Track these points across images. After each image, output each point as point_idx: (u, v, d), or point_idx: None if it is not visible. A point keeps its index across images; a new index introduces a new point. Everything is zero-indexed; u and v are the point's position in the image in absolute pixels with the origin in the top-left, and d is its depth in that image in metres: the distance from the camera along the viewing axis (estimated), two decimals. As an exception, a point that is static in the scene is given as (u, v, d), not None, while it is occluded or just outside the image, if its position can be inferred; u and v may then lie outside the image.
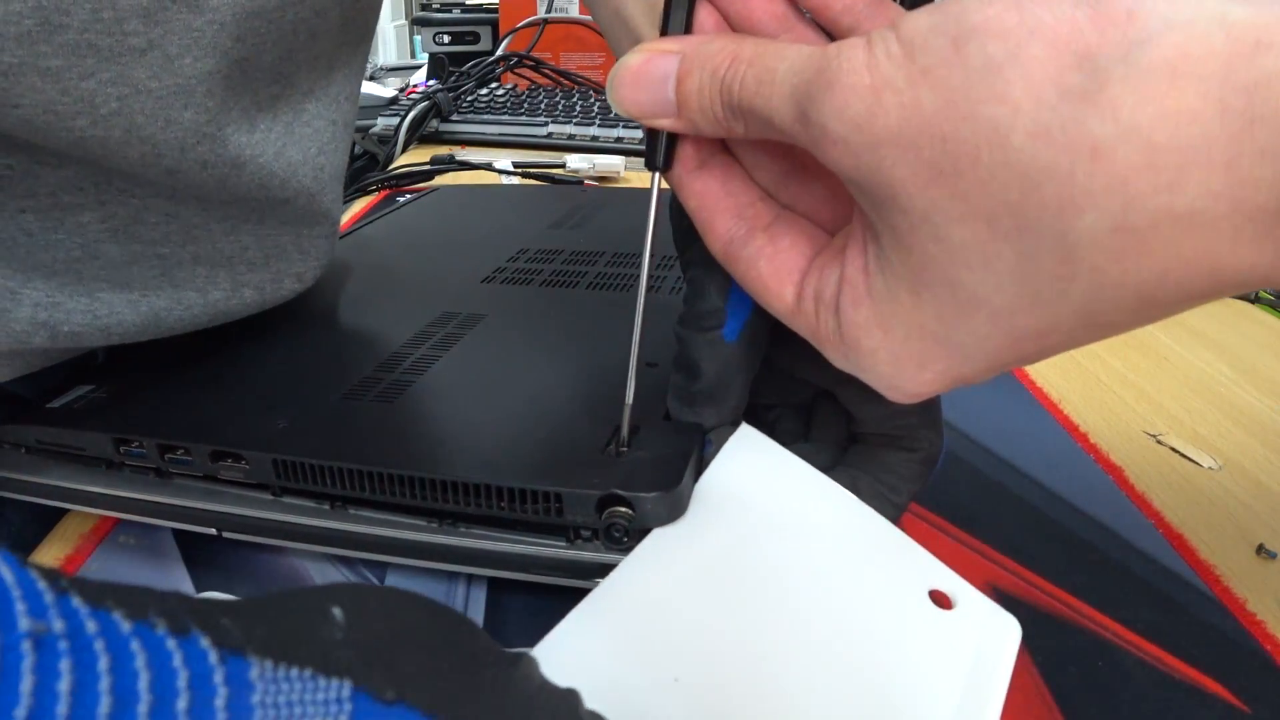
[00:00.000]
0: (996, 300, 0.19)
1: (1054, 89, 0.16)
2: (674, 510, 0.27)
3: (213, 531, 0.32)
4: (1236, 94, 0.15)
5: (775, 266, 0.24)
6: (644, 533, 0.28)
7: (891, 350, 0.21)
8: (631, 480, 0.27)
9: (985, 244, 0.18)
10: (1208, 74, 0.15)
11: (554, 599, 0.26)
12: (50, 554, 0.33)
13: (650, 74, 0.23)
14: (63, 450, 0.33)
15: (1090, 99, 0.16)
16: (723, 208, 0.25)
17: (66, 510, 0.35)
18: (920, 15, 0.18)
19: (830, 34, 0.25)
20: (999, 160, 0.17)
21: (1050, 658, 0.29)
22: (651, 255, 0.27)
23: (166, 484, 0.32)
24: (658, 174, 0.25)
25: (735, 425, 0.31)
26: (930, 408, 0.30)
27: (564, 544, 0.28)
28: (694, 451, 0.29)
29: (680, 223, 0.29)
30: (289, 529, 0.31)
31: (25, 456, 0.34)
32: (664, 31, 0.25)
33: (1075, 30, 0.16)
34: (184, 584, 0.31)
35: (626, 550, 0.28)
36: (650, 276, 0.27)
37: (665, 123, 0.23)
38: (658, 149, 0.25)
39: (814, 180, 0.25)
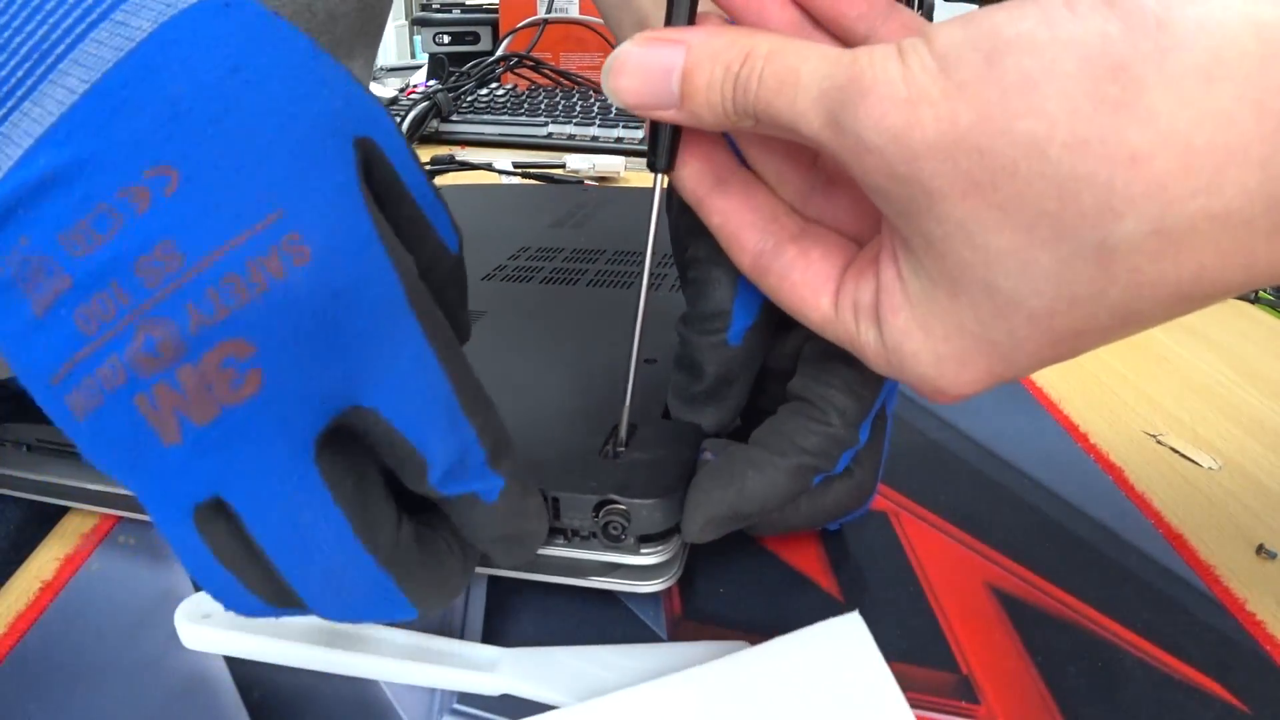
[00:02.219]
0: (1034, 303, 0.19)
1: (1089, 101, 0.17)
2: (669, 516, 0.27)
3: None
4: (1271, 94, 0.15)
5: (809, 277, 0.24)
6: (643, 535, 0.28)
7: (934, 351, 0.21)
8: (628, 486, 0.27)
9: (1022, 251, 0.18)
10: (1241, 76, 0.15)
11: (553, 597, 0.26)
12: (50, 553, 0.33)
13: (652, 63, 0.23)
14: (64, 449, 0.33)
15: (1127, 108, 0.16)
16: (748, 222, 0.25)
17: (67, 510, 0.36)
18: (952, 28, 0.18)
19: (843, 42, 0.25)
20: (1036, 172, 0.17)
21: (1050, 658, 0.29)
22: (653, 254, 0.27)
23: None
24: (660, 175, 0.25)
25: (732, 424, 0.31)
26: (874, 451, 0.30)
27: (562, 542, 0.29)
28: (691, 457, 0.29)
29: (679, 220, 0.29)
30: None
31: (26, 455, 0.34)
32: (668, 25, 0.24)
33: (1107, 43, 0.16)
34: (184, 583, 0.31)
35: (625, 549, 0.28)
36: (651, 274, 0.27)
37: (665, 114, 0.23)
38: (660, 150, 0.25)
39: (840, 193, 0.25)
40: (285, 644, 0.27)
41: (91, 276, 0.18)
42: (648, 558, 0.28)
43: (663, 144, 0.25)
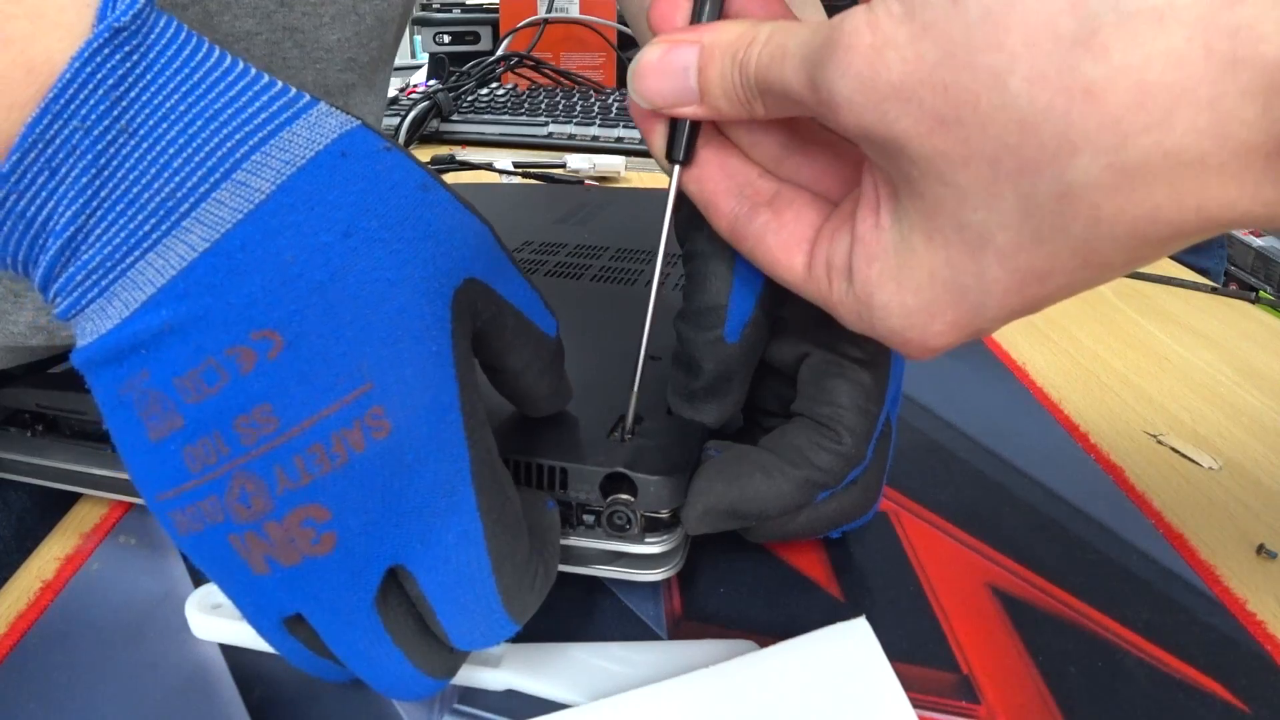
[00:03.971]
0: (1001, 239, 0.19)
1: (1048, 35, 0.17)
2: (675, 495, 0.27)
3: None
4: (1219, 37, 0.16)
5: (783, 238, 0.25)
6: (648, 522, 0.28)
7: (903, 302, 0.22)
8: (637, 462, 0.27)
9: (989, 185, 0.19)
10: (1191, 19, 0.16)
11: (555, 595, 0.26)
12: (51, 553, 0.33)
13: (671, 64, 0.24)
14: (62, 414, 0.33)
15: (1083, 43, 0.17)
16: (723, 189, 0.26)
17: (69, 501, 0.35)
18: None
19: None
20: (998, 104, 0.18)
21: (1050, 658, 0.29)
22: (667, 242, 0.27)
23: None
24: (678, 166, 0.26)
25: (735, 422, 0.31)
26: (879, 463, 0.30)
27: (566, 528, 0.29)
28: (699, 444, 0.29)
29: (680, 214, 0.29)
30: None
31: (30, 439, 0.34)
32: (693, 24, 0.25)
33: None
34: (183, 583, 0.31)
35: (629, 537, 0.28)
36: (665, 258, 0.27)
37: (688, 110, 0.24)
38: (678, 141, 0.25)
39: (813, 152, 0.25)
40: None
41: (198, 423, 0.20)
42: (651, 546, 0.28)
43: (681, 135, 0.25)
